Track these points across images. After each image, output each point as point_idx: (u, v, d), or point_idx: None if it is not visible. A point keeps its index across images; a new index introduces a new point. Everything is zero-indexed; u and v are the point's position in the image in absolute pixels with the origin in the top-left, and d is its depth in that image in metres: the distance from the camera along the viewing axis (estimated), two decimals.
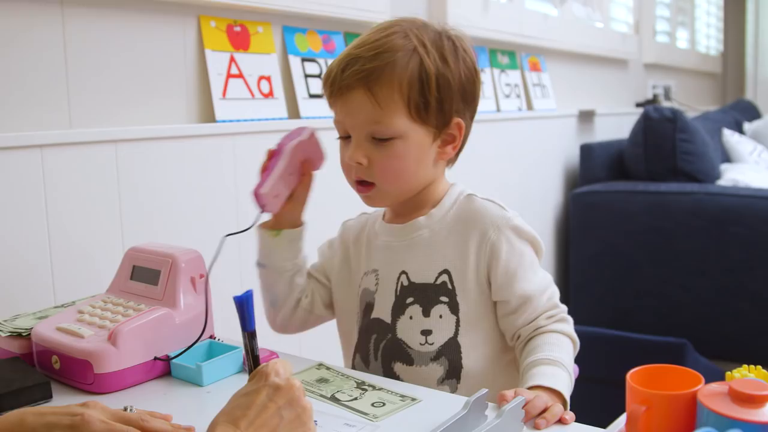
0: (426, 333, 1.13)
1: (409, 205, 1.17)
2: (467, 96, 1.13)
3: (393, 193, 1.14)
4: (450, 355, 1.12)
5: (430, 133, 1.11)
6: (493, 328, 1.15)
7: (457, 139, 1.14)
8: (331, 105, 1.14)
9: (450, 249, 1.14)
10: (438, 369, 1.12)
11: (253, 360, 0.82)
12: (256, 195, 1.13)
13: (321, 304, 1.27)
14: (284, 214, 1.20)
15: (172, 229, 1.56)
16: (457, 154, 1.19)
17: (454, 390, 1.12)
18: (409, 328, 1.14)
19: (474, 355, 1.13)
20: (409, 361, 1.13)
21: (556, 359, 1.07)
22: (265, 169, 1.15)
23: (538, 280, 1.14)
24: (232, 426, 0.74)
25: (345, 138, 1.13)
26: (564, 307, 1.16)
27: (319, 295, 1.27)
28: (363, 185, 1.13)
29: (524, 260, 1.13)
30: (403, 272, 1.16)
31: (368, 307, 1.19)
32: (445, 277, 1.14)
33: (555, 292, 1.16)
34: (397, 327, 1.15)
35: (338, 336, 1.29)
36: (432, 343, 1.12)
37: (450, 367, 1.12)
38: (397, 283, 1.16)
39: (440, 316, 1.13)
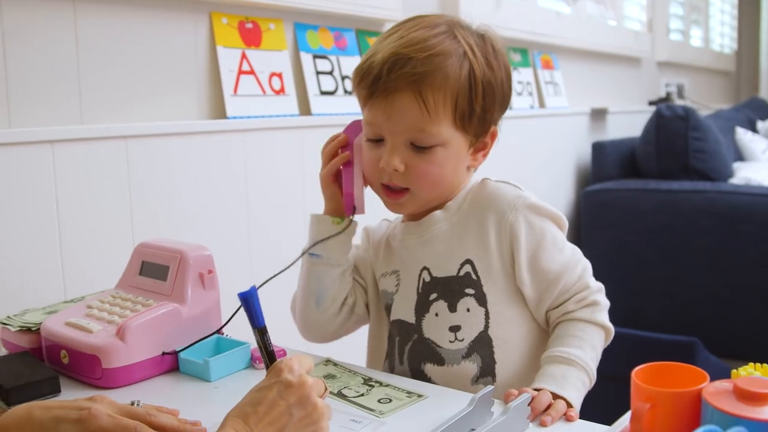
0: (454, 329, 1.08)
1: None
2: (504, 103, 1.10)
3: (426, 199, 1.10)
4: (482, 350, 1.08)
5: (468, 140, 1.07)
6: (525, 318, 1.11)
7: (488, 147, 1.12)
8: (367, 104, 1.07)
9: (470, 237, 1.09)
10: (471, 367, 1.08)
11: (268, 356, 0.82)
12: (348, 197, 1.11)
13: (362, 302, 1.21)
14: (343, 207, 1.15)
15: (182, 225, 1.57)
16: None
17: None
18: (436, 326, 1.09)
19: (507, 348, 1.08)
20: (439, 361, 1.09)
21: (572, 356, 1.03)
22: (345, 167, 1.12)
23: (564, 257, 1.09)
24: (241, 421, 0.74)
25: (375, 141, 1.07)
26: (597, 286, 1.11)
27: (359, 293, 1.21)
28: (394, 192, 1.08)
29: (545, 238, 1.08)
30: (425, 268, 1.11)
31: (387, 308, 1.16)
32: (468, 268, 1.08)
33: (586, 268, 1.11)
34: (422, 326, 1.10)
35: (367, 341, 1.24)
36: (462, 340, 1.07)
37: (483, 364, 1.07)
38: (419, 280, 1.11)
39: (467, 310, 1.08)
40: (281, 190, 1.78)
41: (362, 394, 1.00)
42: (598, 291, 1.11)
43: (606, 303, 1.11)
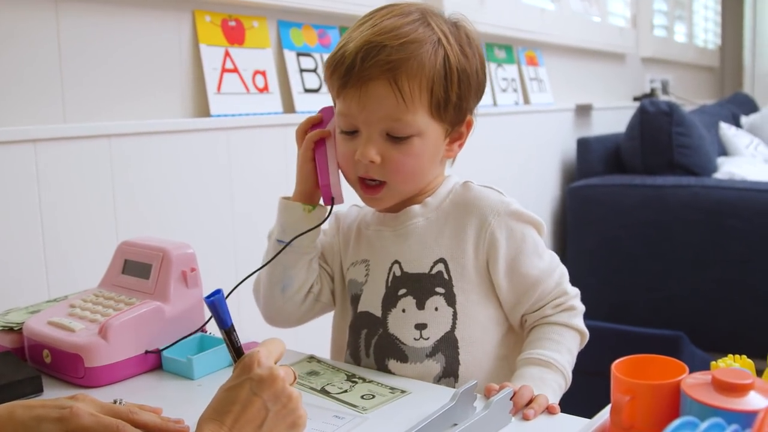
0: (420, 327, 1.07)
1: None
2: (480, 91, 1.09)
3: (403, 192, 1.09)
4: (446, 350, 1.07)
5: (444, 129, 1.06)
6: (493, 321, 1.10)
7: (464, 136, 1.11)
8: (340, 95, 1.04)
9: (447, 237, 1.08)
10: (434, 366, 1.07)
11: (236, 352, 0.82)
12: (325, 188, 1.09)
13: (328, 290, 1.19)
14: (316, 191, 1.12)
15: (166, 224, 1.57)
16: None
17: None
18: (402, 322, 1.08)
19: (472, 350, 1.08)
20: (403, 358, 1.08)
21: (550, 359, 1.04)
22: (319, 157, 1.10)
23: (544, 263, 1.09)
24: (218, 423, 0.73)
25: (349, 133, 1.06)
26: (574, 292, 1.12)
27: (326, 281, 1.18)
28: (370, 187, 1.07)
29: (526, 244, 1.08)
30: (396, 262, 1.10)
31: (354, 299, 1.14)
32: (441, 267, 1.08)
33: (563, 274, 1.12)
34: (388, 321, 1.09)
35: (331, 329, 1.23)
36: (427, 338, 1.07)
37: (447, 364, 1.07)
38: (389, 274, 1.10)
39: (435, 309, 1.07)
40: (266, 187, 1.77)
41: (345, 391, 1.00)
42: (575, 296, 1.12)
43: (582, 308, 1.13)
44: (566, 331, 1.09)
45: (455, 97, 1.03)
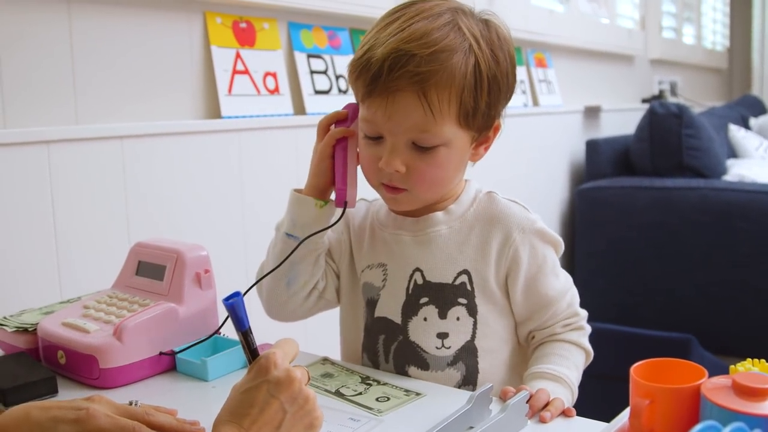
0: (442, 336, 1.06)
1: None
2: (509, 94, 1.05)
3: (425, 198, 1.06)
4: (467, 359, 1.07)
5: (471, 136, 1.03)
6: (509, 331, 1.12)
7: (491, 140, 1.08)
8: (365, 101, 1.00)
9: (471, 249, 1.07)
10: (455, 375, 1.07)
11: (251, 354, 0.81)
12: (340, 192, 1.07)
13: (333, 287, 1.16)
14: (329, 188, 1.10)
15: (178, 225, 1.57)
16: None
17: None
18: (423, 330, 1.07)
19: (490, 359, 1.08)
20: (424, 365, 1.07)
21: (560, 375, 1.04)
22: (338, 157, 1.07)
23: (559, 284, 1.10)
24: (236, 426, 0.73)
25: (374, 138, 1.02)
26: (584, 314, 1.13)
27: (331, 277, 1.16)
28: (392, 188, 1.03)
29: (546, 264, 1.08)
30: (418, 269, 1.08)
31: (370, 303, 1.12)
32: (464, 278, 1.06)
33: (575, 296, 1.12)
34: (409, 328, 1.07)
35: (339, 328, 1.21)
36: (449, 347, 1.06)
37: (467, 373, 1.07)
38: (410, 281, 1.08)
39: (457, 318, 1.06)
40: (276, 189, 1.77)
41: (360, 393, 1.00)
42: (583, 317, 1.14)
43: (589, 329, 1.14)
44: (575, 348, 1.10)
45: (484, 105, 0.99)
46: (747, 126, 4.13)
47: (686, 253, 2.74)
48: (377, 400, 0.98)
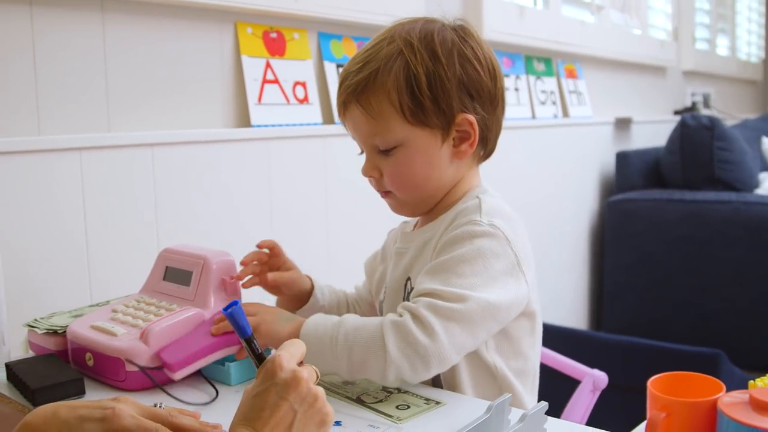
0: None
1: (435, 210, 1.13)
2: (471, 90, 1.07)
3: (411, 200, 1.12)
4: None
5: (436, 134, 1.07)
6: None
7: (472, 135, 1.07)
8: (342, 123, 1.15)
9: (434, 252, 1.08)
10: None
11: (257, 359, 0.83)
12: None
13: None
14: (300, 292, 1.25)
15: (206, 232, 1.59)
16: (488, 152, 1.13)
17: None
18: None
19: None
20: None
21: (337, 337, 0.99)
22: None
23: (458, 278, 0.98)
24: (250, 428, 0.75)
25: (362, 152, 1.14)
26: (433, 319, 0.96)
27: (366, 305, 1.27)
28: (383, 194, 1.14)
29: (455, 252, 1.01)
30: (409, 279, 1.13)
31: (380, 314, 1.18)
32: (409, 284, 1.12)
33: (454, 308, 0.97)
34: None
35: None
36: None
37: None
38: (404, 291, 1.13)
39: None
40: (304, 197, 1.79)
41: (380, 400, 1.01)
42: (428, 317, 0.96)
43: (438, 328, 0.96)
44: (378, 331, 0.97)
45: (428, 101, 1.05)
46: None
47: (717, 267, 2.71)
48: (397, 407, 0.98)
